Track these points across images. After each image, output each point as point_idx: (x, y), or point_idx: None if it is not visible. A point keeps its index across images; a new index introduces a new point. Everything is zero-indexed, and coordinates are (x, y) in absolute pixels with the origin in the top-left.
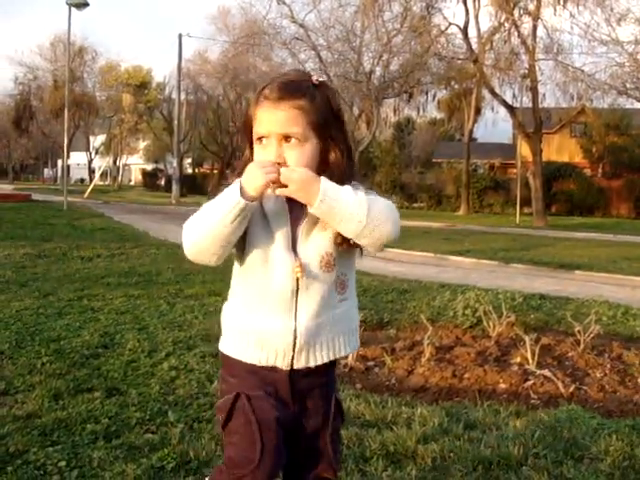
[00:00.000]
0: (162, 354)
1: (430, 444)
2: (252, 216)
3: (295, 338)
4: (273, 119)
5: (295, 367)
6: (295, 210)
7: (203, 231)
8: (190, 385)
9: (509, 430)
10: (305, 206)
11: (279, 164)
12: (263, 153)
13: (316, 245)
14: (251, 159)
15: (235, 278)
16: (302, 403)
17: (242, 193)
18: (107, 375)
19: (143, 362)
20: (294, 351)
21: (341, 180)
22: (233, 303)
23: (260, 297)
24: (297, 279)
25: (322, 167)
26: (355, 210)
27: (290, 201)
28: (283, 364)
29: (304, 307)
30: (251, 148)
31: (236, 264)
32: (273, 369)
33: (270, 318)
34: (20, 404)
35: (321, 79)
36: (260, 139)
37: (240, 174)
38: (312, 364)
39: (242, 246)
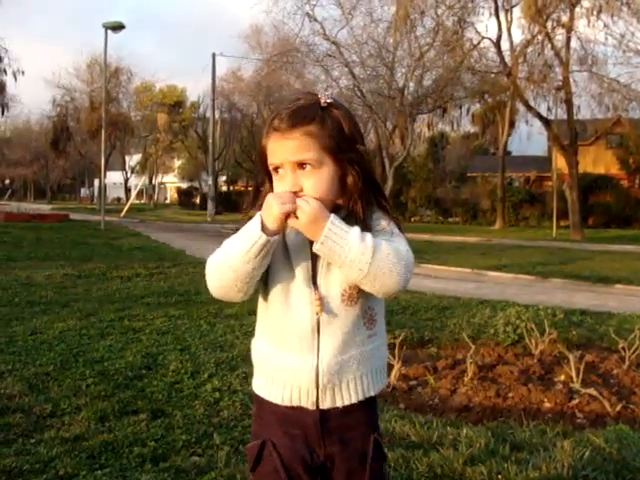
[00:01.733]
0: (205, 375)
1: (477, 466)
2: (274, 250)
3: (317, 376)
4: (284, 148)
5: (322, 407)
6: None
7: (226, 269)
8: (234, 407)
9: (557, 451)
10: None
11: (296, 193)
12: (281, 184)
13: (337, 279)
14: (271, 191)
15: (259, 313)
16: (334, 445)
17: (263, 228)
18: (151, 397)
19: (186, 383)
20: (318, 390)
21: (360, 205)
22: (258, 339)
23: (281, 333)
24: (314, 314)
25: (342, 191)
26: (357, 257)
27: None
28: (308, 404)
29: (327, 343)
30: (270, 181)
31: (260, 299)
32: (300, 409)
33: (292, 355)
34: (67, 426)
35: (329, 100)
36: (276, 170)
37: (262, 207)
38: (339, 404)
39: (265, 280)
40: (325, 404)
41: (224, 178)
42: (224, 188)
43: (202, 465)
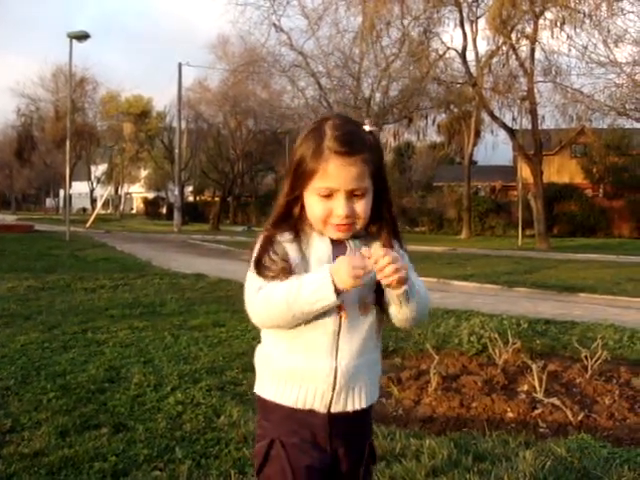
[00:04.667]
0: (168, 388)
1: (440, 477)
2: (297, 261)
3: (335, 378)
4: (345, 174)
5: (333, 410)
6: (338, 255)
7: (286, 313)
8: (197, 420)
9: (519, 461)
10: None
11: (349, 218)
12: (327, 206)
13: (356, 290)
14: (303, 210)
15: None
16: (338, 448)
17: (335, 289)
18: (113, 410)
19: (149, 397)
20: (333, 392)
21: (393, 232)
22: (271, 345)
23: (304, 337)
24: (340, 319)
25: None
26: (424, 310)
27: (333, 247)
28: (321, 406)
29: (345, 347)
30: (295, 194)
31: None
32: (311, 413)
33: (312, 358)
34: (27, 442)
35: (369, 127)
36: (327, 193)
37: (276, 224)
38: (350, 408)
39: None
40: (337, 407)
41: (191, 188)
42: (191, 198)
43: None
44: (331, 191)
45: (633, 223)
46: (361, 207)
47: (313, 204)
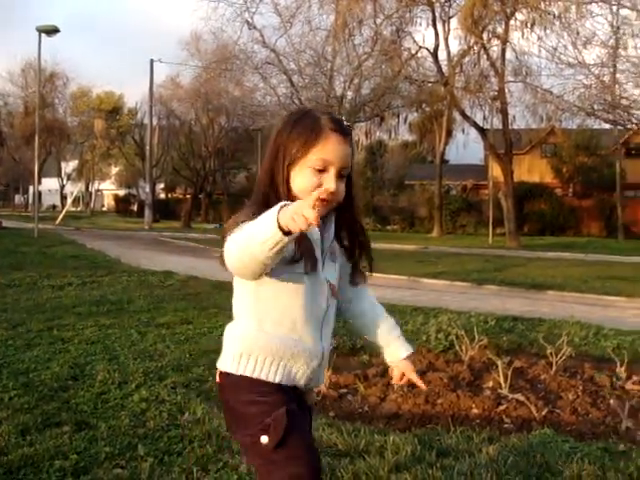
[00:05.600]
0: (133, 385)
1: (403, 473)
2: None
3: (322, 357)
4: (340, 151)
5: (308, 387)
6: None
7: (241, 256)
8: (161, 417)
9: (482, 457)
10: (327, 237)
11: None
12: (316, 179)
13: (330, 274)
14: (281, 185)
15: (261, 301)
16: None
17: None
18: (76, 408)
19: (113, 394)
20: (317, 370)
21: (360, 210)
22: (256, 325)
23: (302, 319)
24: (328, 301)
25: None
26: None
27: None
28: (303, 383)
29: (326, 330)
30: (284, 171)
31: (263, 287)
32: (292, 388)
33: (307, 339)
34: None
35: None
36: (321, 168)
37: (261, 207)
38: (319, 385)
39: (280, 271)
40: (310, 384)
41: (162, 185)
42: (162, 195)
43: (125, 477)
44: (326, 165)
45: (601, 222)
46: (342, 187)
47: (305, 177)
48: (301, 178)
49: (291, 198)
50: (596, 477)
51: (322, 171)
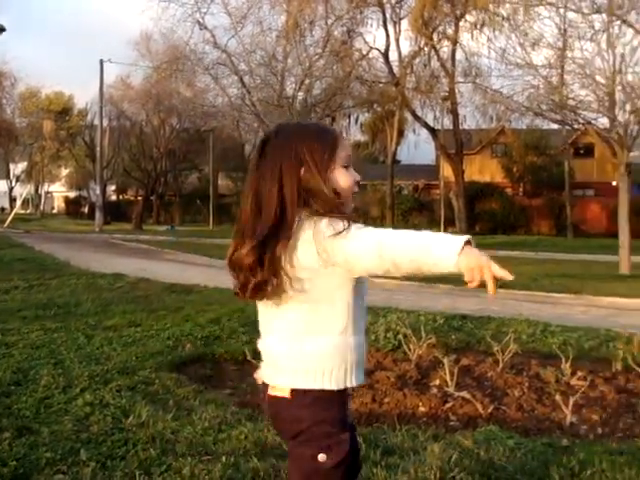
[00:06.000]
0: (77, 389)
1: None
2: None
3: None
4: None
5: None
6: None
7: (392, 258)
8: (105, 421)
9: (427, 455)
10: None
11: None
12: (350, 175)
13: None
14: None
15: (351, 308)
16: None
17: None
18: (18, 414)
19: (57, 399)
20: None
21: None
22: (344, 335)
23: (362, 320)
24: None
25: None
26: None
27: None
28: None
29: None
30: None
31: (355, 296)
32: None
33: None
34: None
35: None
36: (348, 163)
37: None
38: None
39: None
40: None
41: (113, 187)
42: (113, 197)
43: None
44: (349, 159)
45: (551, 220)
46: None
47: (343, 175)
48: (342, 177)
49: (339, 198)
50: (539, 472)
51: (346, 167)
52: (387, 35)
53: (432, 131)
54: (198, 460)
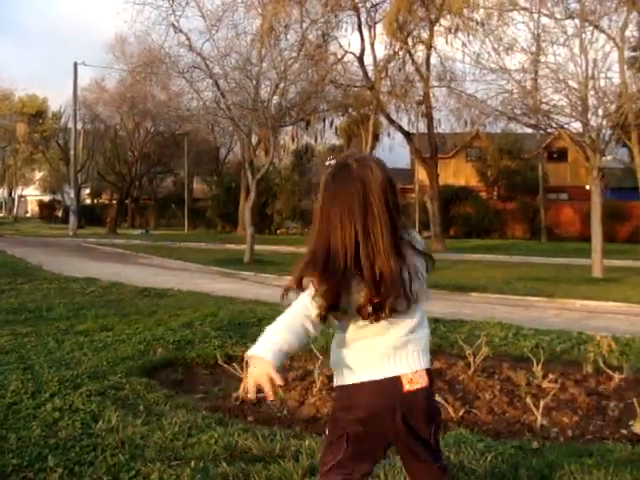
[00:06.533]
0: (46, 395)
1: (316, 477)
2: None
3: None
4: None
5: None
6: None
7: None
8: (74, 426)
9: (397, 458)
10: None
11: None
12: None
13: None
14: None
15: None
16: None
17: None
18: None
19: (25, 404)
20: None
21: None
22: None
23: None
24: None
25: None
26: None
27: None
28: None
29: None
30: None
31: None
32: None
33: None
34: None
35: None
36: None
37: None
38: None
39: None
40: None
41: (88, 191)
42: (88, 201)
43: None
44: None
45: (525, 224)
46: None
47: None
48: None
49: None
50: (509, 475)
51: None
52: (362, 39)
53: (407, 135)
54: (167, 465)
